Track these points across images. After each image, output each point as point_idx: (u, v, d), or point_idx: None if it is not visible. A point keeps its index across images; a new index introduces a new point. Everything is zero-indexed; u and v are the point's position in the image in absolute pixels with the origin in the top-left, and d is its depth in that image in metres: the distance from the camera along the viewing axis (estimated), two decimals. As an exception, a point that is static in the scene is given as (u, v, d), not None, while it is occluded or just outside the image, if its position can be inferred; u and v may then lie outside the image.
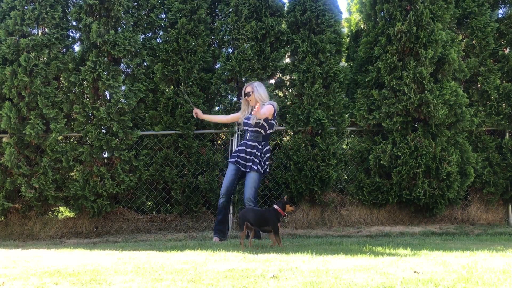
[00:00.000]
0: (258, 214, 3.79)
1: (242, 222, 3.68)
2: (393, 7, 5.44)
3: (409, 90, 5.24)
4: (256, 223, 3.72)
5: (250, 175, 4.50)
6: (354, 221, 5.47)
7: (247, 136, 4.57)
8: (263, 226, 3.74)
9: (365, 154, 5.51)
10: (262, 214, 3.78)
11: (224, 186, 4.56)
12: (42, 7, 5.31)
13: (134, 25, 5.65)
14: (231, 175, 4.59)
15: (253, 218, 3.69)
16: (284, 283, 2.08)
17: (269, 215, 3.69)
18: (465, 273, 2.20)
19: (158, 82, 5.60)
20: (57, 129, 5.22)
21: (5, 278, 2.33)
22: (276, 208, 3.69)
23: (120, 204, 5.54)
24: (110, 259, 3.03)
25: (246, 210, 3.84)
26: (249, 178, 4.51)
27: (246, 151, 4.51)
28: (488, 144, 5.67)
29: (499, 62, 5.85)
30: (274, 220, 3.65)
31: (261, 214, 3.78)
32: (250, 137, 4.54)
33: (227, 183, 4.57)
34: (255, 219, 3.70)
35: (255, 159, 4.48)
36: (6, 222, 5.45)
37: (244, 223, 3.67)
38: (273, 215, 3.67)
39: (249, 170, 4.49)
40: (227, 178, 4.58)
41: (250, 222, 3.68)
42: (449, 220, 5.58)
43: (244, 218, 3.69)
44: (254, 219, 3.70)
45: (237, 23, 5.65)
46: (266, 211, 3.84)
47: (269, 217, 3.67)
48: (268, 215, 3.69)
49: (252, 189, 4.49)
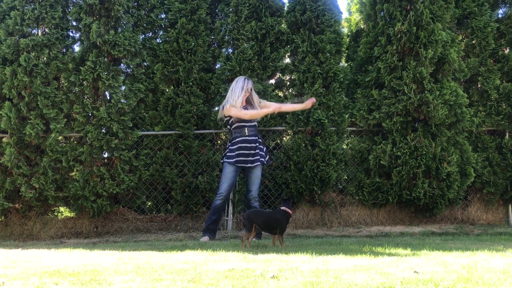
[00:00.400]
0: (268, 216, 3.71)
1: (250, 224, 3.58)
2: (393, 7, 5.44)
3: (409, 90, 5.24)
4: (266, 226, 3.66)
5: (255, 171, 4.47)
6: (354, 221, 5.47)
7: (246, 132, 4.51)
8: (273, 229, 3.66)
9: (365, 154, 5.51)
10: (272, 216, 3.69)
11: (225, 188, 4.49)
12: (42, 7, 5.31)
13: (134, 25, 5.65)
14: (232, 176, 4.52)
15: (263, 221, 3.63)
16: (284, 283, 2.08)
17: (279, 216, 3.61)
18: (465, 273, 2.19)
19: (158, 82, 5.60)
20: (57, 129, 5.22)
21: (5, 278, 2.33)
22: (285, 209, 3.63)
23: (120, 204, 5.54)
24: (110, 259, 3.03)
25: (254, 212, 3.75)
26: (255, 174, 4.47)
27: (247, 147, 4.48)
28: (488, 144, 5.67)
29: (499, 62, 5.85)
30: (284, 222, 3.60)
31: (271, 216, 3.70)
32: (249, 132, 4.51)
33: (229, 185, 4.51)
34: (265, 222, 3.64)
35: (260, 152, 4.50)
36: (6, 222, 5.45)
37: (252, 225, 3.57)
38: (284, 216, 3.61)
39: (256, 165, 4.44)
40: (229, 180, 4.50)
41: (259, 225, 3.61)
42: (449, 220, 5.59)
43: (252, 221, 3.58)
44: (264, 222, 3.63)
45: (237, 23, 5.66)
46: (276, 213, 3.73)
47: (280, 219, 3.60)
48: (278, 217, 3.61)
49: (258, 186, 4.47)
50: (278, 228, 3.62)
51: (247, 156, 4.47)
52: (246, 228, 3.62)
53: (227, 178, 4.51)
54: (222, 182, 4.55)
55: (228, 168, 4.53)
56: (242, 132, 4.53)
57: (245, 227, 3.62)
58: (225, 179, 4.52)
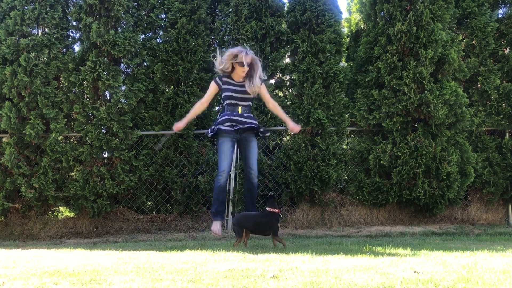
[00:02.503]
0: (256, 220, 3.59)
1: (240, 228, 3.56)
2: (393, 7, 5.44)
3: (409, 90, 5.24)
4: (256, 230, 3.61)
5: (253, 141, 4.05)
6: (354, 221, 5.47)
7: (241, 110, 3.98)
8: (264, 231, 3.59)
9: (365, 154, 5.51)
10: (260, 219, 3.58)
11: (225, 164, 3.94)
12: (42, 7, 5.32)
13: (134, 25, 5.66)
14: (230, 150, 3.99)
15: (251, 225, 3.57)
16: (284, 283, 2.08)
17: (267, 219, 3.53)
18: (465, 273, 2.19)
19: (158, 82, 5.60)
20: (57, 129, 5.22)
21: (5, 278, 2.33)
22: (271, 210, 3.52)
23: (120, 204, 5.54)
24: (110, 259, 3.03)
25: (242, 216, 3.65)
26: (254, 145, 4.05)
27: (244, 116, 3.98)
28: (488, 144, 5.67)
29: (499, 62, 5.85)
30: (274, 223, 3.53)
31: (259, 220, 3.58)
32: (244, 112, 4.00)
33: (229, 160, 3.98)
34: (254, 225, 3.57)
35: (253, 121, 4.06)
36: (6, 222, 5.46)
37: (242, 230, 3.55)
38: (272, 218, 3.52)
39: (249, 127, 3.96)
40: (227, 154, 3.95)
41: (249, 229, 3.58)
42: (449, 220, 5.59)
43: (241, 225, 3.56)
44: (253, 225, 3.57)
45: (237, 23, 5.66)
46: (263, 216, 3.59)
47: (268, 221, 3.52)
48: (266, 220, 3.53)
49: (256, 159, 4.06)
50: (268, 230, 3.55)
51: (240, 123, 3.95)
52: (236, 233, 3.60)
53: (224, 152, 3.96)
54: (220, 159, 3.98)
55: (223, 140, 3.98)
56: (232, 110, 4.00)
57: (235, 232, 3.60)
58: (223, 155, 3.96)
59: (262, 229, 3.60)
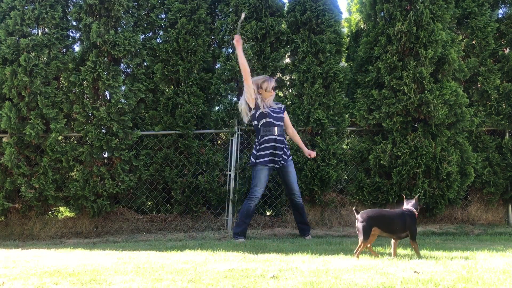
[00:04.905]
0: (393, 217, 2.96)
1: (369, 227, 2.87)
2: (393, 7, 5.44)
3: (409, 90, 5.24)
4: (391, 229, 2.94)
5: (291, 167, 4.53)
6: (354, 221, 5.45)
7: (275, 131, 4.43)
8: (399, 233, 2.93)
9: (365, 154, 5.51)
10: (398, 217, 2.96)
11: (260, 191, 4.42)
12: (42, 7, 5.32)
13: (134, 25, 5.66)
14: (266, 179, 4.46)
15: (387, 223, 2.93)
16: (284, 283, 2.08)
17: (407, 218, 2.93)
18: (465, 273, 2.19)
19: (158, 82, 5.60)
20: (57, 129, 5.22)
21: (5, 278, 2.33)
22: (412, 209, 3.01)
23: (120, 204, 5.54)
24: (110, 259, 3.03)
25: (377, 213, 3.02)
26: (293, 170, 4.53)
27: (277, 147, 4.42)
28: (488, 144, 5.67)
29: (499, 62, 5.85)
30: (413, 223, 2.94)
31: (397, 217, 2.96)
32: (279, 132, 4.46)
33: (263, 188, 4.46)
34: (390, 223, 2.93)
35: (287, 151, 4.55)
36: (6, 222, 5.46)
37: (370, 229, 2.87)
38: (412, 217, 2.96)
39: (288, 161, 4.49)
40: (263, 182, 4.41)
41: (381, 229, 2.92)
42: (449, 220, 5.58)
43: (373, 223, 2.88)
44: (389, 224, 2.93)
45: (237, 23, 5.65)
46: (403, 213, 3.00)
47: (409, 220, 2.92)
48: (405, 219, 2.93)
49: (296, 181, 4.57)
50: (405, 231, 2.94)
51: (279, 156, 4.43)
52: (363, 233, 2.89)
53: (260, 180, 4.40)
54: (256, 186, 4.40)
55: (261, 170, 4.41)
56: (268, 131, 4.43)
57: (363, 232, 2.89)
58: (259, 183, 4.40)
59: (399, 229, 2.95)
